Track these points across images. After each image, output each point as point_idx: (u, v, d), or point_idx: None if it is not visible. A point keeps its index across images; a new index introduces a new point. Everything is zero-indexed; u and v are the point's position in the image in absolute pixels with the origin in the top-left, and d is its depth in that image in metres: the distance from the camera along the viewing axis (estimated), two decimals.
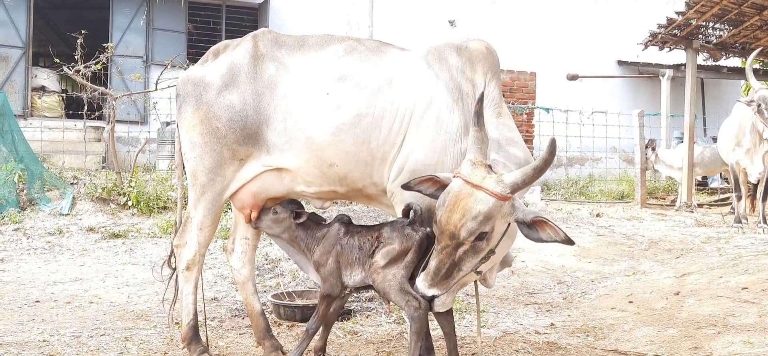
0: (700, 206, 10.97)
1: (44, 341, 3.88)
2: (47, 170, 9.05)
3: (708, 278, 5.28)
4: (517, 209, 2.65)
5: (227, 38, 6.09)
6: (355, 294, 5.06)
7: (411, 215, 2.95)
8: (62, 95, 13.26)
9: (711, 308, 4.43)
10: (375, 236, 3.02)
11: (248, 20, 13.89)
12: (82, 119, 10.35)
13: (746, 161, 8.39)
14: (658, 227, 8.39)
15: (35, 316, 4.49)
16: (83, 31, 9.21)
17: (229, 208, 7.02)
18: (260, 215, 3.26)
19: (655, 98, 14.56)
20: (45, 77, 13.07)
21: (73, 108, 12.20)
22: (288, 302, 4.64)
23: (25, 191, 8.40)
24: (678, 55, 13.02)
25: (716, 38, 10.76)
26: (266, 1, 13.49)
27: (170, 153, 10.61)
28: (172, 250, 3.57)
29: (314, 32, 3.47)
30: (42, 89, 12.88)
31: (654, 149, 11.02)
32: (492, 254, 2.73)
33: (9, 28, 12.36)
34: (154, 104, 11.12)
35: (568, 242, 2.61)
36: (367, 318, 4.56)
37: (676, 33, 10.56)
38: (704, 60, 11.98)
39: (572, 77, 14.50)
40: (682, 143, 11.01)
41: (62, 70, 9.69)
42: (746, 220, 8.48)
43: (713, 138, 12.48)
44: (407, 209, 2.96)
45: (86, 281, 5.66)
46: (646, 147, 10.99)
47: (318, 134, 3.05)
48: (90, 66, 9.29)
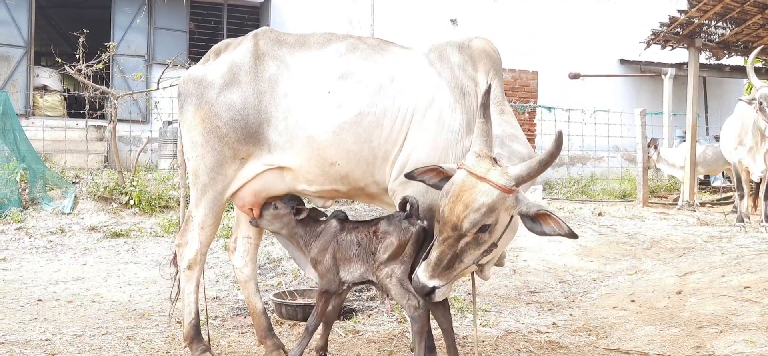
0: (703, 205, 10.95)
1: (46, 340, 3.89)
2: (49, 169, 9.06)
3: (710, 277, 5.27)
4: (521, 202, 2.64)
5: (229, 37, 6.09)
6: (355, 291, 5.06)
7: (407, 208, 2.95)
8: (64, 94, 13.27)
9: (713, 307, 4.42)
10: (372, 231, 3.02)
11: (250, 19, 13.89)
12: (84, 118, 10.36)
13: (749, 159, 8.38)
14: (660, 226, 8.38)
15: (37, 315, 4.49)
16: (85, 31, 9.22)
17: (231, 207, 7.02)
18: (260, 210, 3.27)
19: (658, 97, 14.53)
20: (47, 77, 13.08)
21: (75, 107, 12.22)
22: (290, 301, 4.64)
23: (28, 190, 8.41)
24: (680, 54, 12.99)
25: (718, 37, 10.73)
26: (267, 0, 13.49)
27: (172, 152, 10.62)
28: (176, 250, 3.57)
29: (316, 31, 3.46)
30: (44, 89, 12.89)
31: (656, 147, 11.01)
32: (494, 247, 2.73)
33: (11, 28, 12.37)
34: (156, 103, 11.13)
35: (572, 235, 2.60)
36: (369, 317, 4.56)
37: (679, 31, 10.54)
38: (706, 59, 11.96)
39: (574, 76, 14.48)
40: (684, 141, 10.99)
41: (64, 70, 9.70)
42: (749, 219, 8.46)
43: (716, 137, 12.46)
44: (403, 203, 2.97)
45: (88, 280, 5.67)
46: (649, 146, 10.97)
47: (319, 132, 3.05)
48: (92, 65, 9.30)
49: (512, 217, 2.69)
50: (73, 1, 15.46)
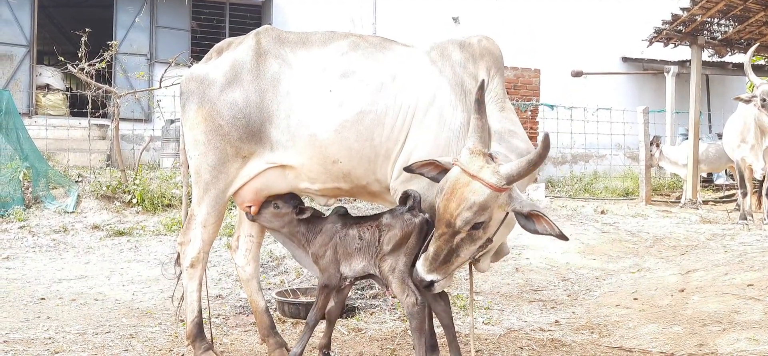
0: (706, 202, 10.92)
1: (49, 338, 3.89)
2: (52, 168, 9.07)
3: (713, 275, 5.27)
4: (515, 200, 2.67)
5: (231, 36, 6.08)
6: (358, 289, 5.07)
7: (409, 201, 2.96)
8: (67, 93, 13.29)
9: (716, 305, 4.42)
10: (375, 226, 3.03)
11: (252, 18, 13.90)
12: (87, 117, 10.36)
13: (752, 157, 8.37)
14: (663, 224, 8.36)
15: (40, 313, 4.50)
16: (87, 30, 9.22)
17: (234, 206, 7.03)
18: (260, 209, 3.27)
19: (660, 95, 14.50)
20: (49, 75, 13.11)
21: (78, 106, 12.24)
22: (292, 299, 4.65)
23: (30, 189, 8.43)
24: (683, 52, 12.96)
25: (721, 34, 10.71)
26: None
27: (174, 151, 10.63)
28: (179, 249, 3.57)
29: (317, 29, 3.46)
30: (46, 88, 12.92)
31: (659, 145, 10.98)
32: (489, 243, 2.76)
33: (13, 27, 12.39)
34: (158, 102, 11.14)
35: (562, 237, 2.62)
36: (371, 315, 4.56)
37: (681, 29, 10.52)
38: (709, 56, 11.94)
39: (576, 74, 14.45)
40: (687, 139, 10.96)
41: (67, 69, 9.71)
42: (752, 217, 8.45)
43: (718, 135, 12.41)
44: (405, 196, 2.98)
45: (91, 278, 5.68)
46: (651, 144, 10.95)
47: (321, 130, 3.05)
48: (94, 64, 9.30)
49: (507, 213, 2.70)
50: (76, 0, 15.49)
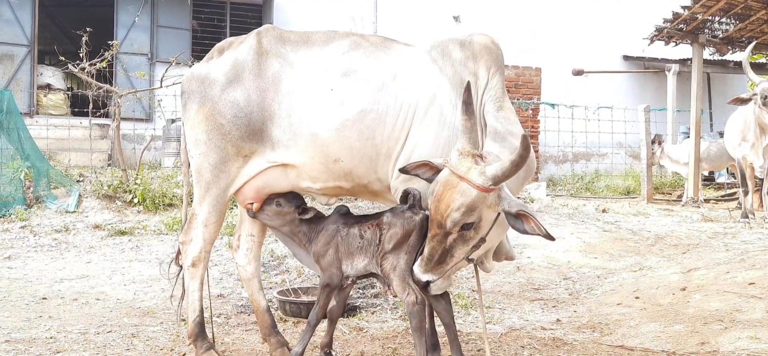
0: (707, 201, 10.91)
1: (51, 338, 3.90)
2: (53, 167, 9.07)
3: (715, 273, 5.26)
4: (504, 200, 2.68)
5: (231, 35, 6.07)
6: (360, 289, 5.07)
7: (409, 199, 2.97)
8: (68, 92, 13.29)
9: (718, 303, 4.41)
10: (376, 224, 3.04)
11: (252, 17, 13.90)
12: (88, 116, 10.37)
13: (753, 155, 8.36)
14: (665, 222, 8.36)
15: (42, 313, 4.51)
16: (88, 29, 9.23)
17: (235, 205, 7.03)
18: (262, 206, 3.27)
19: (661, 93, 14.48)
20: (50, 75, 13.12)
21: (79, 106, 12.24)
22: (293, 298, 4.65)
23: (32, 188, 8.43)
24: (684, 50, 12.96)
25: (722, 33, 10.70)
26: None
27: (176, 150, 10.64)
28: (179, 248, 3.57)
29: (318, 29, 3.46)
30: (47, 87, 12.93)
31: (661, 143, 10.97)
32: (483, 243, 2.77)
33: (14, 27, 12.40)
34: (159, 102, 11.14)
35: (548, 237, 2.64)
36: (373, 314, 4.56)
37: (682, 27, 10.50)
38: (710, 54, 11.93)
39: (578, 73, 14.44)
40: (688, 138, 10.95)
41: (68, 68, 9.72)
42: (753, 215, 8.44)
43: (720, 133, 12.41)
44: (405, 195, 2.99)
45: (93, 278, 5.69)
46: (653, 142, 10.93)
47: (322, 129, 3.05)
48: (95, 64, 9.31)
49: (500, 213, 2.71)
50: (76, 0, 15.49)
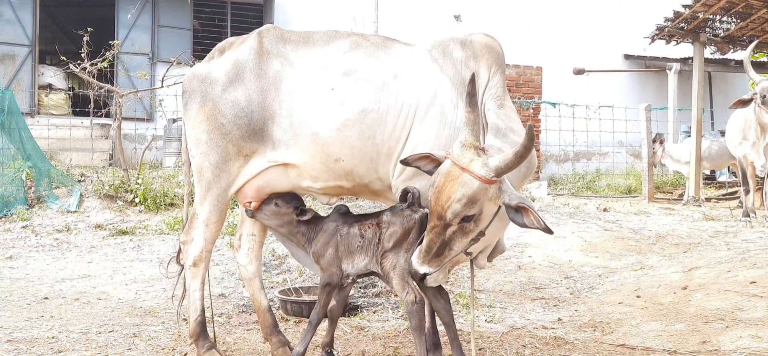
0: (708, 200, 10.91)
1: (53, 337, 3.90)
2: (55, 167, 9.08)
3: (716, 272, 5.26)
4: (504, 193, 2.68)
5: (232, 35, 6.07)
6: (361, 288, 5.07)
7: (409, 197, 2.97)
8: (69, 92, 13.30)
9: (719, 302, 4.41)
10: (376, 223, 3.04)
11: (253, 17, 13.90)
12: (89, 116, 10.38)
13: (753, 154, 8.36)
14: (666, 221, 8.35)
15: (44, 313, 4.51)
16: (89, 29, 9.24)
17: (236, 204, 7.03)
18: (261, 205, 3.27)
19: (662, 92, 14.48)
20: (52, 75, 13.12)
21: (80, 106, 12.25)
22: (295, 298, 4.65)
23: (33, 188, 8.44)
24: (685, 49, 12.95)
25: (723, 31, 10.69)
26: None
27: (177, 150, 10.64)
28: (180, 247, 3.58)
29: (319, 28, 3.47)
30: (49, 87, 12.93)
31: (662, 142, 10.96)
32: (482, 236, 2.76)
33: (15, 27, 12.41)
34: (161, 101, 11.15)
35: (547, 231, 2.64)
36: (374, 313, 4.57)
37: (683, 26, 10.50)
38: (711, 53, 11.91)
39: (579, 72, 14.43)
40: (690, 137, 10.94)
41: (69, 68, 9.72)
42: (755, 214, 8.43)
43: (721, 132, 12.40)
44: (405, 193, 3.00)
45: (94, 278, 5.69)
46: (654, 141, 10.93)
47: (323, 129, 3.06)
48: (96, 64, 9.32)
49: (500, 207, 2.71)
50: (77, 0, 15.49)
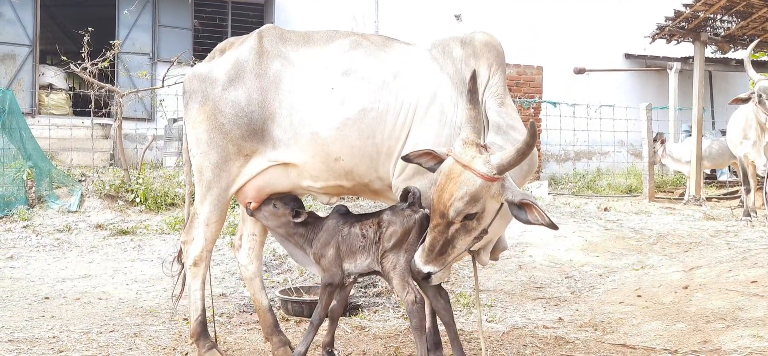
0: (709, 199, 10.90)
1: (54, 337, 3.90)
2: (55, 167, 9.09)
3: (717, 272, 5.25)
4: (507, 190, 2.67)
5: (233, 35, 6.08)
6: (361, 287, 5.07)
7: (409, 197, 2.97)
8: (69, 92, 13.31)
9: (720, 302, 4.41)
10: (376, 223, 3.04)
11: (254, 16, 13.89)
12: (90, 116, 10.39)
13: (754, 153, 8.36)
14: (667, 221, 8.35)
15: (45, 313, 4.52)
16: (90, 29, 9.24)
17: (237, 204, 7.03)
18: (260, 206, 3.28)
19: (663, 92, 14.47)
20: (52, 75, 13.12)
21: (81, 105, 12.25)
22: (296, 297, 4.65)
23: (34, 188, 8.45)
24: (686, 48, 12.93)
25: (724, 31, 10.68)
26: None
27: (177, 150, 10.64)
28: (181, 247, 3.58)
29: (320, 28, 3.47)
30: (49, 87, 12.93)
31: (663, 142, 10.95)
32: (485, 234, 2.76)
33: (16, 27, 12.41)
34: (161, 101, 11.15)
35: (552, 226, 2.61)
36: (375, 313, 4.57)
37: (684, 26, 10.49)
38: (712, 53, 11.90)
39: (579, 71, 14.43)
40: (690, 136, 10.94)
41: (69, 68, 9.73)
42: (755, 213, 8.43)
43: (722, 131, 12.40)
44: (405, 193, 3.00)
45: (95, 277, 5.70)
46: (655, 141, 10.92)
47: (323, 128, 3.06)
48: (97, 63, 9.32)
49: (502, 204, 2.70)
50: (78, 0, 15.49)
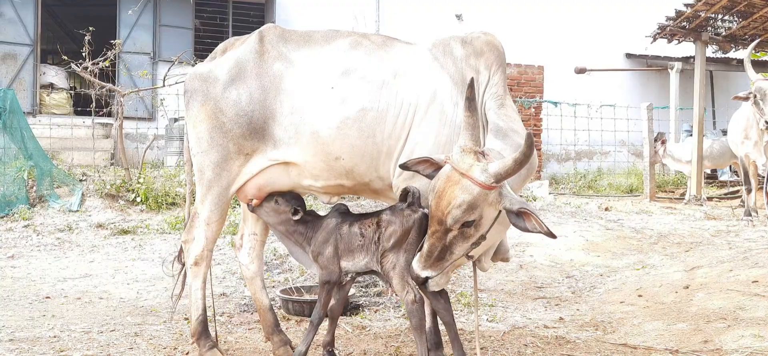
0: (710, 199, 10.90)
1: (55, 337, 3.91)
2: (56, 167, 9.09)
3: (718, 271, 5.25)
4: (505, 198, 2.66)
5: (234, 34, 6.08)
6: (362, 287, 5.07)
7: (409, 197, 2.98)
8: (70, 92, 13.31)
9: (721, 302, 4.41)
10: (375, 222, 3.04)
11: (255, 16, 13.89)
12: (91, 115, 10.39)
13: (755, 153, 8.35)
14: (667, 220, 8.35)
15: (46, 312, 4.52)
16: (91, 28, 9.24)
17: (238, 204, 7.03)
18: (262, 202, 3.28)
19: (664, 91, 14.46)
20: (53, 74, 13.13)
21: (82, 105, 12.25)
22: (296, 297, 4.65)
23: (35, 188, 8.45)
24: (687, 48, 12.92)
25: (725, 30, 10.67)
26: None
27: (178, 149, 10.65)
28: (182, 246, 3.58)
29: (320, 28, 3.47)
30: (50, 87, 12.94)
31: (664, 142, 10.94)
32: (483, 240, 2.76)
33: (17, 26, 12.42)
34: (162, 101, 11.15)
35: (550, 235, 2.62)
36: (375, 312, 4.57)
37: (685, 25, 10.48)
38: (713, 52, 11.89)
39: (580, 71, 14.43)
40: (691, 136, 10.93)
41: (70, 68, 9.73)
42: (756, 213, 8.42)
43: (723, 131, 12.39)
44: (405, 192, 3.00)
45: (96, 277, 5.70)
46: (656, 140, 10.91)
47: (323, 128, 3.06)
48: (98, 63, 9.32)
49: (500, 211, 2.70)
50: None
